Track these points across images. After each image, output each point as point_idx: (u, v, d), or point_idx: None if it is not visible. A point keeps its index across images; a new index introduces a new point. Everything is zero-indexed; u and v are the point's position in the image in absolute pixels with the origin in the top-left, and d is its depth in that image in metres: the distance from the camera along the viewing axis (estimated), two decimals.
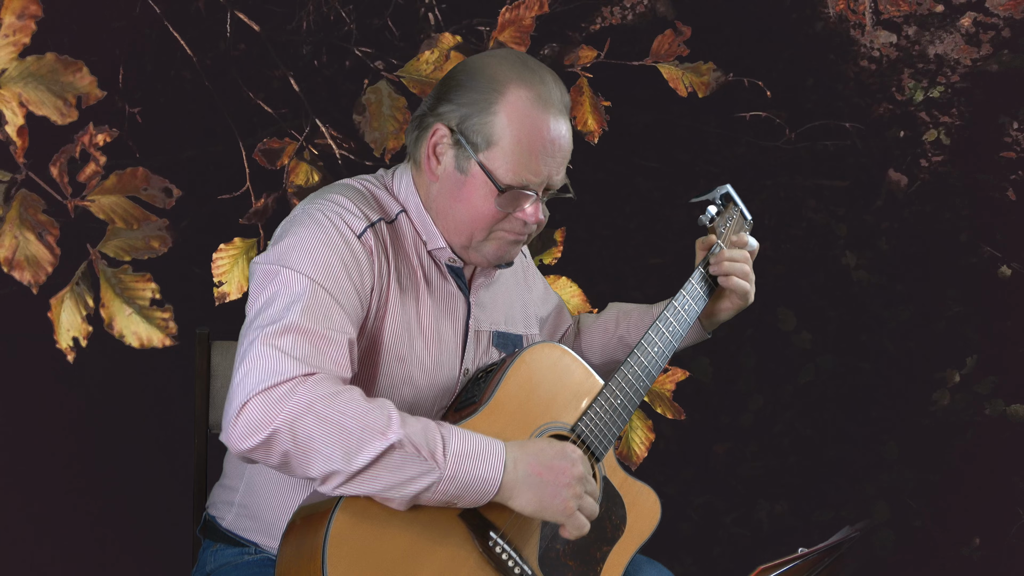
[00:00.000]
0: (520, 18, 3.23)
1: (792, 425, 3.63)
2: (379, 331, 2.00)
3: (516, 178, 1.99)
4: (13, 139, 2.97)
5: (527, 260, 2.37)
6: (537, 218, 2.03)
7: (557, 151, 2.00)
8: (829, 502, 3.61)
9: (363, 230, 1.98)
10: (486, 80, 2.00)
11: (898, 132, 3.59)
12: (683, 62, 3.36)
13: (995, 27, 3.55)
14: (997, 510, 3.59)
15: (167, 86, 3.21)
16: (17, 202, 3.02)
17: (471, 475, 1.83)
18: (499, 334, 2.18)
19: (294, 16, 3.27)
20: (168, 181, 3.10)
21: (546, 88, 2.00)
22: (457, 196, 2.02)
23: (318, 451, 1.78)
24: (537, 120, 1.98)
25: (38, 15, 2.94)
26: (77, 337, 3.04)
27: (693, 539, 3.60)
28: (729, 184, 2.34)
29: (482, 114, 1.99)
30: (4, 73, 2.95)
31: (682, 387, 3.40)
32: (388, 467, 1.79)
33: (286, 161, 3.19)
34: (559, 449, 1.90)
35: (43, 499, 3.21)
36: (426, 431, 1.82)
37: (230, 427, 1.79)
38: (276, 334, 1.84)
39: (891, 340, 3.62)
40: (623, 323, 2.39)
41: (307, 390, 1.79)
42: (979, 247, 3.59)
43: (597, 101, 3.33)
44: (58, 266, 3.04)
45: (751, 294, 2.25)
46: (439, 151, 2.03)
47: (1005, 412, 3.58)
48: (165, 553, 3.09)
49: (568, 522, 1.90)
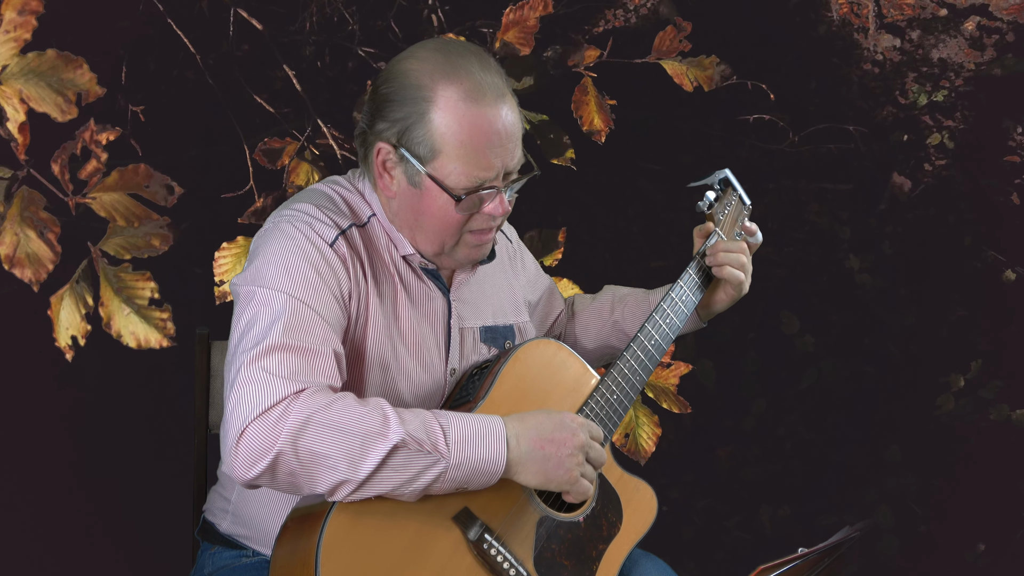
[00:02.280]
0: (524, 19, 3.23)
1: (795, 429, 3.62)
2: (362, 339, 1.99)
3: (470, 180, 1.95)
4: (15, 136, 2.97)
5: (514, 245, 2.34)
6: (503, 210, 2.00)
7: (505, 139, 1.95)
8: (832, 506, 3.60)
9: (334, 238, 1.96)
10: (412, 89, 1.94)
11: (902, 136, 3.58)
12: (686, 57, 3.36)
13: (999, 31, 3.55)
14: (1002, 515, 3.58)
15: (170, 85, 3.21)
16: (18, 199, 3.02)
17: (476, 459, 1.84)
18: (486, 329, 2.17)
19: (297, 16, 3.27)
20: (170, 178, 3.10)
21: (473, 80, 1.94)
22: (418, 209, 1.99)
23: (323, 465, 1.78)
24: (474, 117, 1.93)
25: (39, 11, 2.95)
26: (76, 336, 3.04)
27: (695, 543, 3.59)
28: (728, 168, 2.32)
29: (417, 126, 1.94)
30: (5, 69, 2.96)
31: (685, 388, 3.40)
32: (394, 467, 1.80)
33: (287, 161, 3.19)
34: (558, 420, 1.91)
35: (41, 499, 3.20)
36: (425, 423, 1.82)
37: (231, 457, 1.79)
38: (261, 355, 1.82)
39: (895, 344, 3.62)
40: (618, 309, 2.38)
41: (301, 407, 1.78)
42: (983, 251, 3.58)
43: (603, 100, 3.33)
44: (59, 264, 3.04)
45: (746, 285, 2.24)
46: (388, 167, 2.00)
47: (1010, 417, 3.57)
48: (164, 555, 3.09)
49: (572, 489, 1.92)
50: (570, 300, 2.48)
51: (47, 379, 3.16)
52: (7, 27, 2.93)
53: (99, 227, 3.09)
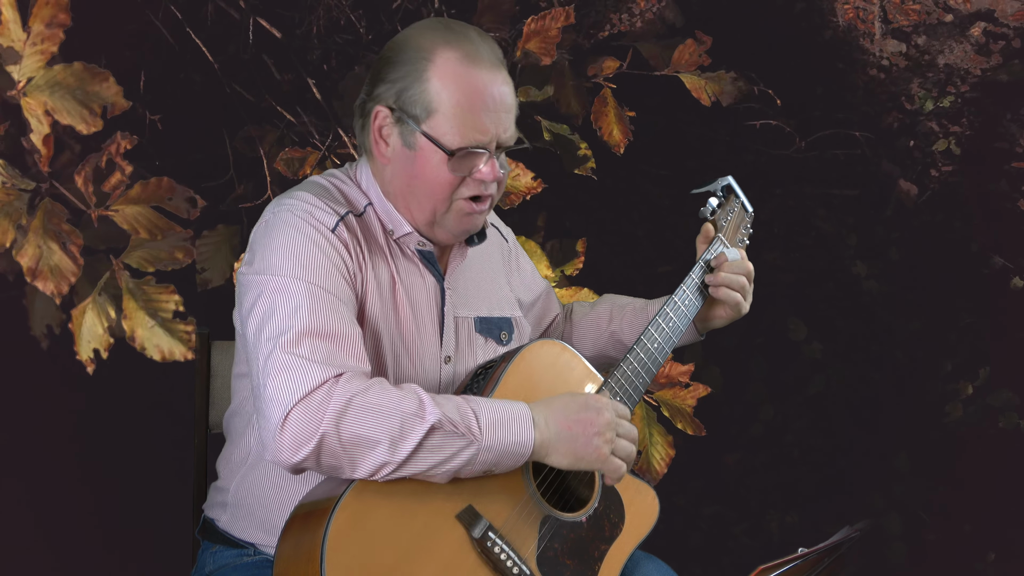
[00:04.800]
0: (546, 28, 3.24)
1: (802, 436, 3.62)
2: (361, 323, 2.01)
3: (464, 139, 1.98)
4: (38, 148, 2.99)
5: (509, 244, 2.36)
6: (495, 175, 2.02)
7: (498, 105, 2.00)
8: (840, 513, 3.59)
9: (334, 224, 1.99)
10: (412, 50, 2.00)
11: (908, 142, 3.58)
12: (705, 71, 3.36)
13: (1005, 37, 3.55)
14: (1012, 524, 3.56)
15: (186, 93, 3.22)
16: (41, 211, 3.03)
17: (506, 441, 1.87)
18: (482, 320, 2.17)
19: (304, 20, 3.29)
20: (192, 191, 3.11)
21: (473, 45, 2.00)
22: (411, 172, 2.02)
23: (365, 447, 1.81)
24: (470, 78, 1.98)
25: (67, 24, 2.97)
26: (98, 349, 3.04)
27: (703, 549, 3.59)
28: (731, 175, 2.33)
29: (416, 84, 1.99)
30: (31, 82, 2.97)
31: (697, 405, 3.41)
32: (431, 448, 1.83)
33: (308, 171, 3.20)
34: (583, 401, 1.94)
35: (42, 500, 3.21)
36: (458, 407, 1.86)
37: (275, 441, 1.81)
38: (293, 342, 1.85)
39: (902, 351, 3.61)
40: (616, 319, 2.39)
41: (342, 391, 1.82)
42: (990, 258, 3.58)
43: (622, 112, 3.34)
44: (80, 276, 3.05)
45: (744, 307, 2.25)
46: (385, 133, 2.04)
47: (1019, 425, 3.56)
48: (164, 555, 3.09)
49: (604, 467, 1.94)
50: (568, 308, 2.49)
51: (46, 379, 3.17)
52: (34, 39, 2.94)
53: (122, 239, 3.10)
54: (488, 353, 2.17)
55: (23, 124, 2.99)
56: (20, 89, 2.96)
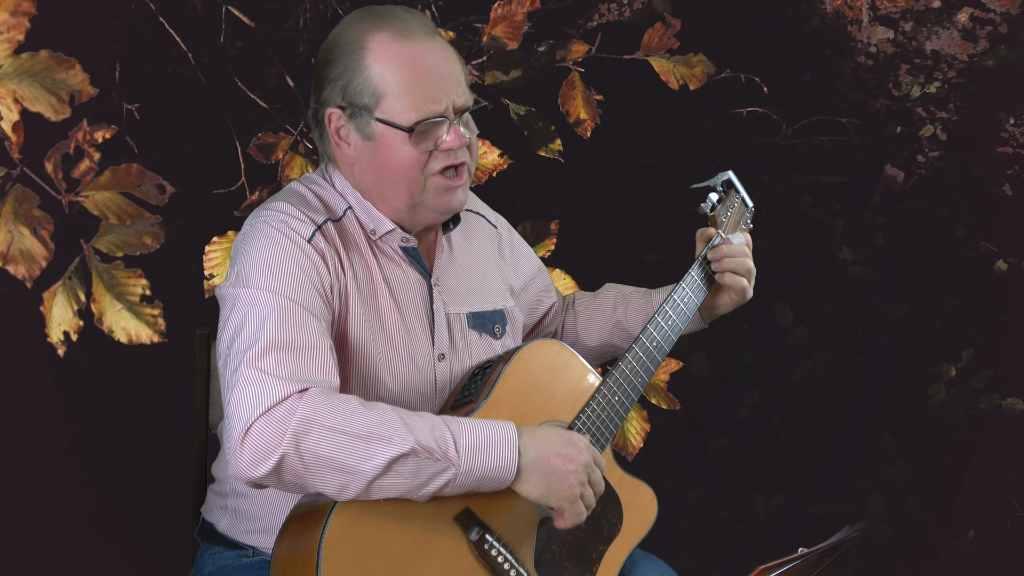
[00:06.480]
0: (512, 14, 3.24)
1: (789, 420, 3.63)
2: (344, 332, 1.99)
3: (418, 113, 1.98)
4: (8, 135, 2.99)
5: (500, 231, 2.33)
6: (461, 140, 2.01)
7: (443, 70, 2.00)
8: (826, 496, 3.61)
9: (311, 234, 1.97)
10: (345, 44, 2.00)
11: (895, 128, 3.59)
12: (674, 55, 3.36)
13: (992, 23, 3.55)
14: (992, 503, 3.60)
15: (163, 83, 3.20)
16: (12, 197, 3.04)
17: (487, 466, 1.84)
18: (474, 315, 2.16)
19: (291, 14, 3.26)
20: (161, 178, 3.11)
21: (401, 21, 2.00)
22: (378, 163, 2.01)
23: (328, 468, 1.78)
24: (408, 52, 1.98)
25: (32, 12, 2.96)
26: (68, 331, 3.05)
27: (690, 534, 3.61)
28: (731, 170, 2.31)
29: (357, 75, 1.99)
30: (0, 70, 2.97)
31: (678, 382, 3.41)
32: (403, 474, 1.80)
33: (280, 155, 3.20)
34: (567, 437, 1.92)
35: (41, 500, 3.20)
36: (434, 430, 1.83)
37: (235, 457, 1.79)
38: (258, 356, 1.83)
39: (887, 335, 3.63)
40: (620, 308, 2.37)
41: (306, 407, 1.79)
42: (975, 242, 3.60)
43: (589, 95, 3.34)
44: (52, 261, 3.06)
45: (749, 290, 2.24)
46: (343, 134, 2.03)
47: (1001, 406, 3.59)
48: (164, 555, 3.09)
49: (569, 508, 1.91)
50: (571, 297, 2.48)
51: (45, 379, 3.16)
52: (0, 28, 2.93)
53: (92, 225, 3.10)
54: (483, 347, 2.16)
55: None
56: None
